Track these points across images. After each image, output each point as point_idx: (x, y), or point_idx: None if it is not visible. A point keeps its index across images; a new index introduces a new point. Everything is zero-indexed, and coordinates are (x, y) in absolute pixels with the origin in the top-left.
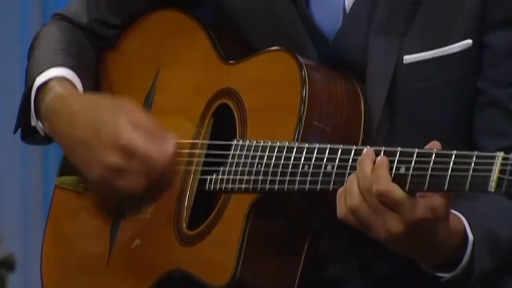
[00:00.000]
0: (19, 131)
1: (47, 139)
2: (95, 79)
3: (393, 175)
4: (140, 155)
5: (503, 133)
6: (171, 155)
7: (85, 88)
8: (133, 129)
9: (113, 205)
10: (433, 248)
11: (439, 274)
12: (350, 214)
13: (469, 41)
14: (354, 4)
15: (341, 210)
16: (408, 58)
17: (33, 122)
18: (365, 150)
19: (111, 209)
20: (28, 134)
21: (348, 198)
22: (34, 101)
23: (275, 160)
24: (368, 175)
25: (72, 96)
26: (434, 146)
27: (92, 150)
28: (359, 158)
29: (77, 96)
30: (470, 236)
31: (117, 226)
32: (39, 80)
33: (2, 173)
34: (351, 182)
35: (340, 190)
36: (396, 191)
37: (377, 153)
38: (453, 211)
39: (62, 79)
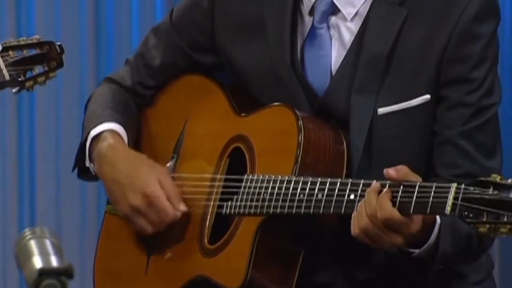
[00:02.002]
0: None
1: (96, 177)
2: (137, 129)
3: (396, 203)
4: (157, 206)
5: (455, 165)
6: (179, 214)
7: (129, 137)
8: (159, 186)
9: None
10: (413, 238)
11: (411, 250)
12: (362, 233)
13: (427, 96)
14: (338, 68)
15: (354, 229)
16: (381, 110)
17: (87, 163)
18: (373, 184)
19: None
20: (83, 173)
21: (360, 220)
22: (89, 148)
23: (277, 190)
24: (373, 203)
25: (119, 148)
26: (400, 169)
27: (124, 191)
28: (368, 189)
29: (121, 148)
30: (438, 220)
31: (152, 244)
32: (93, 132)
33: (66, 202)
34: (361, 207)
35: (353, 214)
36: (397, 215)
37: (382, 186)
38: None
39: (111, 132)
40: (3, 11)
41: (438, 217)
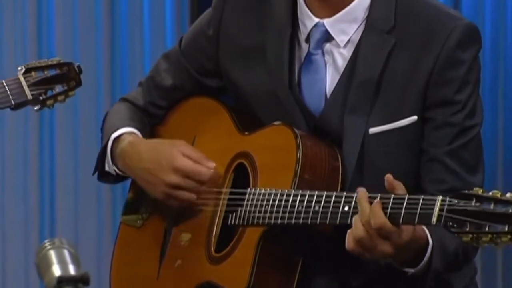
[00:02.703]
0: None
1: (116, 181)
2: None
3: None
4: (191, 173)
5: (441, 181)
6: (213, 170)
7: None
8: (183, 156)
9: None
10: (404, 251)
11: (406, 269)
12: (357, 244)
13: (415, 117)
14: (332, 91)
15: (349, 244)
16: (372, 130)
17: (107, 167)
18: (359, 190)
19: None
20: (103, 176)
21: (355, 231)
22: (111, 150)
23: (277, 202)
24: (367, 212)
25: (139, 141)
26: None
27: (157, 175)
28: (358, 198)
29: (143, 141)
30: (431, 242)
31: (164, 251)
32: (114, 135)
33: (83, 215)
34: (356, 219)
35: (348, 231)
36: (389, 224)
37: (372, 197)
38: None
39: (131, 133)
40: (26, 33)
41: (430, 239)
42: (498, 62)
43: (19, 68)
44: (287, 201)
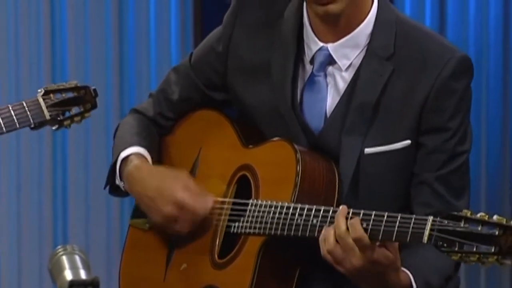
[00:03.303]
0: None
1: (126, 193)
2: (158, 152)
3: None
4: (187, 209)
5: (429, 204)
6: (211, 207)
7: (152, 158)
8: (184, 190)
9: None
10: (375, 270)
11: None
12: (328, 255)
13: (408, 141)
14: (332, 112)
15: (322, 251)
16: (367, 151)
17: (117, 181)
18: (340, 208)
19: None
20: (113, 190)
21: (327, 243)
22: (119, 169)
23: (277, 215)
24: (343, 226)
25: (144, 167)
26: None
27: (156, 203)
28: (336, 214)
29: (147, 167)
30: (414, 286)
31: (170, 255)
32: (123, 154)
33: (94, 223)
34: (328, 232)
35: (320, 238)
36: (366, 238)
37: (349, 213)
38: (403, 268)
39: (138, 154)
40: (40, 56)
41: (413, 283)
42: (481, 88)
43: (39, 90)
44: (286, 213)
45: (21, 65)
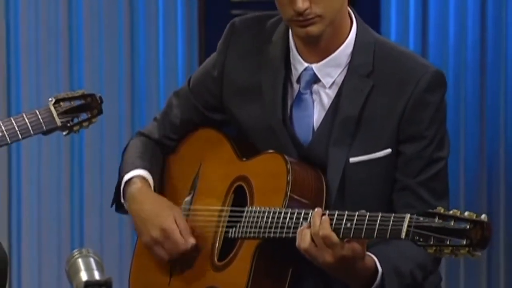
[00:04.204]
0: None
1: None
2: (162, 171)
3: (332, 227)
4: (172, 239)
5: (411, 206)
6: (190, 248)
7: (154, 178)
8: (173, 222)
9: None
10: (355, 276)
11: None
12: (305, 252)
13: (389, 150)
14: (319, 126)
15: (301, 249)
16: (352, 160)
17: (122, 201)
18: (316, 209)
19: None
20: (119, 208)
21: (303, 242)
22: (123, 190)
23: (271, 219)
24: (317, 225)
25: (144, 190)
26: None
27: (147, 225)
28: (312, 214)
29: (147, 191)
30: (380, 269)
31: (174, 260)
32: (126, 177)
33: (108, 229)
34: (304, 231)
35: (298, 231)
36: (334, 236)
37: (324, 213)
38: (367, 252)
39: (140, 177)
40: (59, 66)
41: (379, 267)
42: (459, 102)
43: (50, 99)
44: (279, 218)
45: (42, 77)
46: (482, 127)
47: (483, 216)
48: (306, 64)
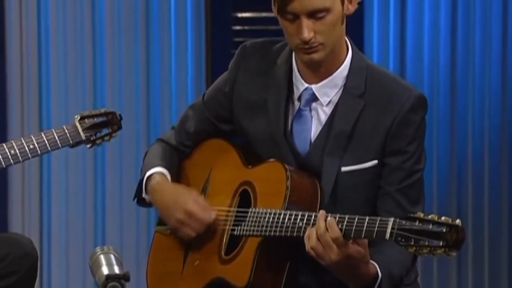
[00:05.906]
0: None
1: (149, 205)
2: (178, 173)
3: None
4: (195, 216)
5: (391, 212)
6: (214, 218)
7: (172, 176)
8: (194, 203)
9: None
10: (358, 277)
11: None
12: (311, 250)
13: (376, 161)
14: (316, 139)
15: (307, 247)
16: (344, 169)
17: (143, 195)
18: (320, 212)
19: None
20: (140, 201)
21: (310, 241)
22: (145, 184)
23: (271, 219)
24: (323, 227)
25: (164, 182)
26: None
27: (170, 210)
28: (317, 216)
29: (167, 182)
30: (380, 275)
31: (187, 254)
32: (148, 173)
33: (127, 228)
34: (311, 231)
35: (305, 236)
36: (341, 236)
37: (327, 216)
38: (372, 261)
39: (160, 173)
40: (85, 87)
41: (380, 273)
42: (432, 118)
43: (76, 116)
44: (278, 218)
45: (70, 96)
46: (453, 139)
47: (458, 221)
48: (306, 85)
